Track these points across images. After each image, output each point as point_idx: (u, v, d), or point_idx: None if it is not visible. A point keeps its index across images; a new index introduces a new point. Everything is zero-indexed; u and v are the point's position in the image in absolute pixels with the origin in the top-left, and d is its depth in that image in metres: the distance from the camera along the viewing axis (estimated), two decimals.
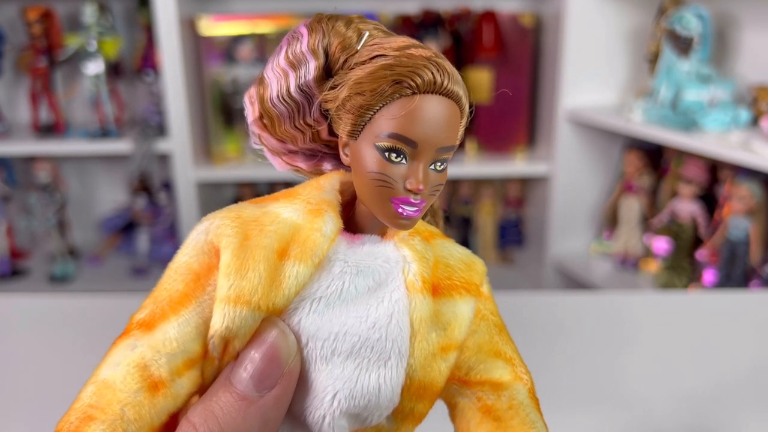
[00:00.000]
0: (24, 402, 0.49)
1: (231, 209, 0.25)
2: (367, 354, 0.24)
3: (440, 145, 0.24)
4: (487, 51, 1.44)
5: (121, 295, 0.62)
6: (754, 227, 1.17)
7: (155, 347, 0.24)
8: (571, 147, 1.44)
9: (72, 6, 1.50)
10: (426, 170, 0.24)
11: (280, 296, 0.23)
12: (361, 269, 0.25)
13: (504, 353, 0.27)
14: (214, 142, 1.48)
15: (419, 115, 0.23)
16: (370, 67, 0.24)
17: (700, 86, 1.18)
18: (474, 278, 0.28)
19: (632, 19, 1.40)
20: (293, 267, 0.24)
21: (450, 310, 0.26)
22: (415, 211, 0.24)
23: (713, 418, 0.47)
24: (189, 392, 0.24)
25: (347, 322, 0.24)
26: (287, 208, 0.25)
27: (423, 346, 0.25)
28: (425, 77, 0.23)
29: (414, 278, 0.26)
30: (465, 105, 0.24)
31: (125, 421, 0.23)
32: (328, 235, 0.24)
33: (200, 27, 1.40)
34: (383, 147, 0.23)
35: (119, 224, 1.63)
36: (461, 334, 0.26)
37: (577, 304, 0.65)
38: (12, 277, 1.51)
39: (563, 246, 1.52)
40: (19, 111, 1.58)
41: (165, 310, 0.24)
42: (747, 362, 0.54)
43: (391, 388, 0.25)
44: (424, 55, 0.24)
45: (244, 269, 0.23)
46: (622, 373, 0.52)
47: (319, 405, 0.24)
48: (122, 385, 0.23)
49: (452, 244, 0.28)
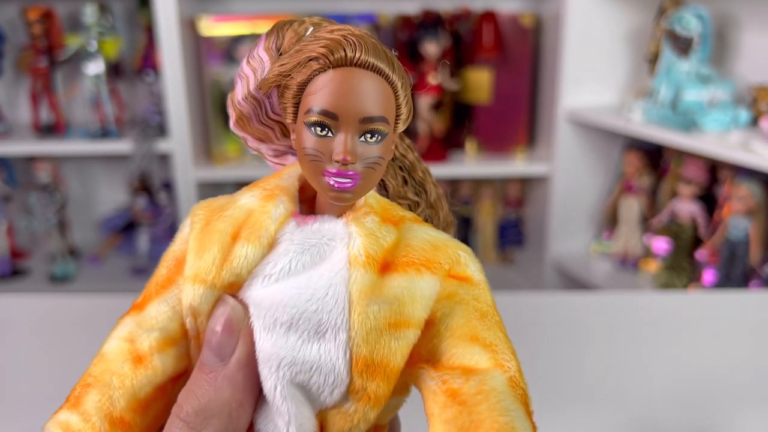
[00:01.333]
0: (24, 402, 0.49)
1: (209, 200, 0.28)
2: (306, 326, 0.25)
3: (362, 116, 0.24)
4: (487, 51, 1.44)
5: (121, 295, 0.62)
6: (753, 227, 1.17)
7: (140, 324, 0.28)
8: (571, 147, 1.44)
9: (72, 6, 1.50)
10: (351, 141, 0.24)
11: (231, 274, 0.26)
12: (306, 247, 0.26)
13: (483, 339, 0.26)
14: (214, 142, 1.48)
15: (336, 88, 0.24)
16: (292, 51, 0.25)
17: (699, 86, 1.18)
18: (439, 258, 0.27)
19: (632, 19, 1.40)
20: (243, 248, 0.26)
21: (400, 284, 0.26)
22: (348, 184, 0.25)
23: (713, 418, 0.47)
24: (172, 369, 0.27)
25: (287, 293, 0.25)
26: (246, 195, 0.28)
27: (363, 320, 0.25)
28: (336, 51, 0.24)
29: (357, 252, 0.25)
30: (393, 77, 0.25)
31: (112, 388, 0.26)
32: (276, 217, 0.26)
33: (200, 27, 1.40)
34: (309, 122, 0.25)
35: (119, 224, 1.63)
36: (417, 312, 0.25)
37: (577, 304, 0.65)
38: (12, 277, 1.51)
39: (563, 246, 1.52)
40: (20, 111, 1.58)
41: (152, 293, 0.28)
42: (747, 362, 0.54)
43: (331, 360, 0.25)
44: (341, 32, 0.25)
45: (202, 251, 0.26)
46: (622, 373, 0.52)
47: (268, 374, 0.25)
48: (113, 357, 0.27)
49: (426, 229, 0.28)
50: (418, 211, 0.30)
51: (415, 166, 0.30)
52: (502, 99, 1.50)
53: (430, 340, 0.26)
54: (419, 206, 0.30)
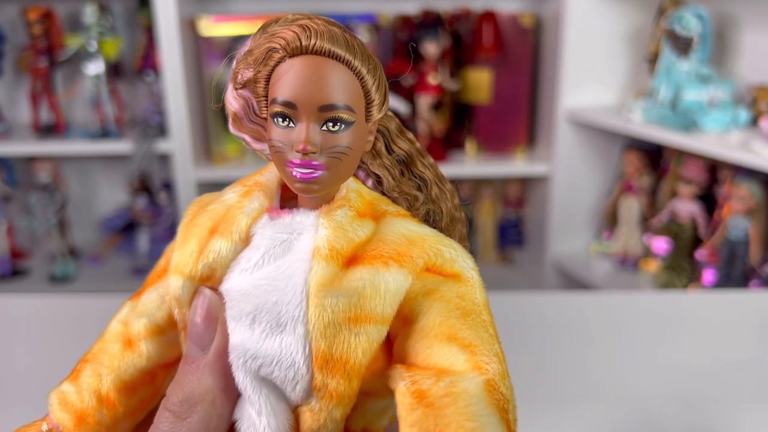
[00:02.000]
0: (24, 402, 0.49)
1: (203, 195, 0.29)
2: (268, 318, 0.25)
3: (319, 103, 0.24)
4: (487, 51, 1.44)
5: (121, 295, 0.61)
6: (753, 227, 1.17)
7: (134, 309, 0.29)
8: (571, 147, 1.44)
9: (72, 6, 1.50)
10: (311, 130, 0.24)
11: (207, 267, 0.26)
12: (276, 240, 0.26)
13: (462, 338, 0.24)
14: (215, 142, 1.48)
15: (291, 76, 0.24)
16: (255, 44, 0.25)
17: (699, 86, 1.18)
18: (411, 252, 0.25)
19: (632, 19, 1.40)
20: (217, 242, 0.26)
21: (362, 277, 0.24)
22: (312, 174, 0.24)
23: (713, 418, 0.47)
24: (159, 356, 0.28)
25: (252, 284, 0.25)
26: (231, 190, 0.28)
27: (320, 313, 0.24)
28: (290, 40, 0.24)
29: (321, 244, 0.25)
30: (354, 63, 0.24)
31: (102, 366, 0.28)
32: (248, 213, 0.27)
33: (200, 27, 1.40)
34: (273, 114, 0.25)
35: (119, 224, 1.63)
36: (380, 307, 0.24)
37: (577, 304, 0.65)
38: (12, 277, 1.51)
39: (563, 246, 1.52)
40: (20, 111, 1.58)
41: (149, 282, 0.29)
42: (747, 362, 0.54)
43: (290, 354, 0.25)
44: (299, 21, 0.25)
45: (183, 244, 0.27)
46: (622, 372, 0.52)
47: (236, 366, 0.26)
48: (109, 336, 0.29)
49: (409, 223, 0.27)
50: (417, 205, 0.29)
51: (413, 158, 0.30)
52: (502, 99, 1.50)
53: (405, 339, 0.25)
54: (418, 200, 0.29)
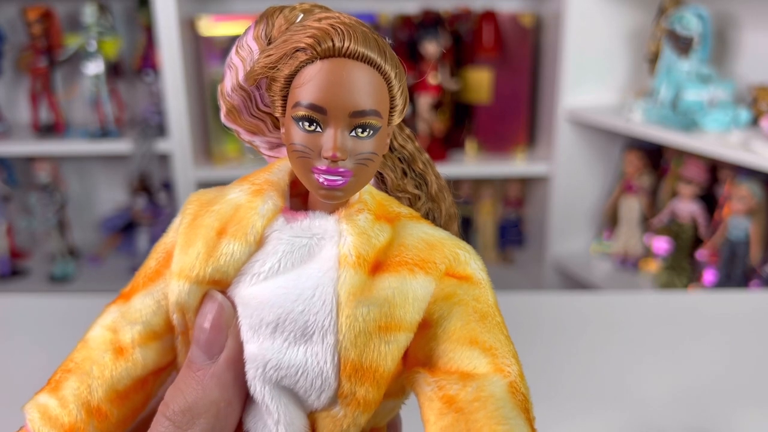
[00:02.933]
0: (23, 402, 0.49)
1: (200, 192, 0.27)
2: (292, 328, 0.24)
3: (351, 109, 0.23)
4: (487, 51, 1.44)
5: None
6: (754, 227, 1.17)
7: (125, 315, 0.27)
8: (571, 147, 1.44)
9: (72, 6, 1.50)
10: (341, 137, 0.23)
11: (217, 271, 0.25)
12: (295, 245, 0.25)
13: (482, 342, 0.24)
14: (214, 142, 1.48)
15: (323, 79, 0.23)
16: (278, 41, 0.24)
17: (700, 86, 1.18)
18: (434, 257, 0.25)
19: (632, 19, 1.40)
20: (229, 245, 0.25)
21: (391, 285, 0.24)
22: (339, 181, 0.24)
23: (713, 418, 0.47)
24: (154, 363, 0.27)
25: (274, 293, 0.24)
26: (235, 189, 0.27)
27: (351, 323, 0.23)
28: (324, 41, 0.23)
29: (347, 252, 0.24)
30: (385, 67, 0.24)
31: (91, 377, 0.26)
32: (263, 214, 0.25)
33: (200, 27, 1.40)
34: (297, 117, 0.23)
35: (119, 224, 1.63)
36: (409, 314, 0.24)
37: (577, 304, 0.65)
38: (12, 277, 1.51)
39: (563, 246, 1.52)
40: (19, 111, 1.58)
41: (139, 284, 0.27)
42: (747, 362, 0.54)
43: (318, 364, 0.24)
44: (329, 20, 0.23)
45: (187, 246, 0.25)
46: (622, 373, 0.52)
47: (254, 376, 0.25)
48: (95, 345, 0.27)
49: (423, 226, 0.27)
50: (419, 204, 0.29)
51: (415, 157, 0.29)
52: (502, 99, 1.50)
53: (426, 343, 0.25)
54: (420, 199, 0.29)
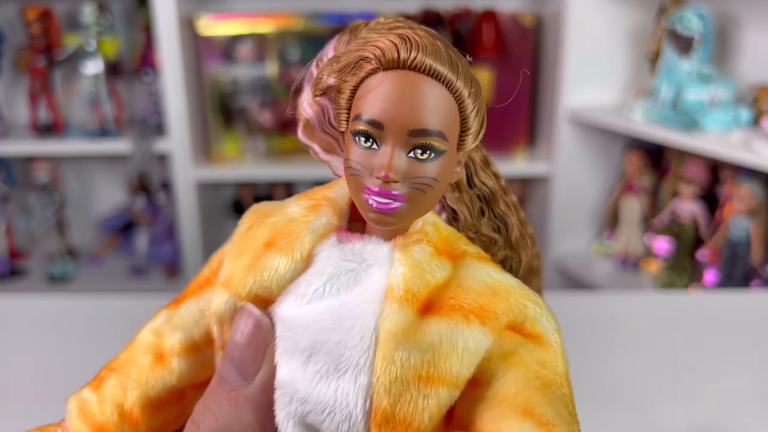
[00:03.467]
0: (23, 402, 0.48)
1: (262, 203, 0.26)
2: (326, 359, 0.22)
3: (411, 127, 0.21)
4: (488, 50, 1.43)
5: (120, 295, 0.61)
6: (755, 227, 1.17)
7: (170, 321, 0.26)
8: (572, 147, 1.44)
9: (71, 5, 1.50)
10: (396, 156, 0.21)
11: (260, 286, 0.23)
12: (342, 268, 0.23)
13: (539, 414, 0.21)
14: (214, 142, 1.47)
15: (383, 93, 0.21)
16: (346, 50, 0.22)
17: (700, 86, 1.18)
18: (496, 306, 0.22)
19: (633, 18, 1.40)
20: (274, 259, 0.23)
21: (440, 331, 0.21)
22: (390, 205, 0.21)
23: (713, 418, 0.46)
24: (191, 376, 0.25)
25: (312, 318, 0.22)
26: (295, 203, 0.25)
27: (387, 366, 0.21)
28: (387, 51, 0.21)
29: (396, 284, 0.22)
30: (456, 84, 0.21)
31: (128, 377, 0.25)
32: (315, 230, 0.23)
33: (199, 26, 1.39)
34: (354, 131, 0.22)
35: (118, 224, 1.63)
36: (455, 368, 0.21)
37: (577, 304, 0.65)
38: (11, 277, 1.51)
39: (564, 246, 1.52)
40: (18, 111, 1.58)
41: (189, 291, 0.26)
42: (748, 362, 0.53)
43: (347, 405, 0.21)
44: (399, 29, 0.21)
45: (236, 257, 0.24)
46: (622, 373, 0.52)
47: (281, 405, 0.23)
48: (139, 346, 0.26)
49: (490, 269, 0.23)
50: (495, 249, 0.26)
51: (496, 196, 0.26)
52: (503, 98, 1.50)
53: (473, 404, 0.22)
54: (496, 244, 0.26)
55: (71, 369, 0.31)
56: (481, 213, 0.26)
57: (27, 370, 0.52)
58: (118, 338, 0.34)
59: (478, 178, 0.26)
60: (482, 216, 0.26)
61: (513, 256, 0.26)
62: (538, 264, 0.27)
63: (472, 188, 0.26)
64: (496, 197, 0.26)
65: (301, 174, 1.43)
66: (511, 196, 0.27)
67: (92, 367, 0.30)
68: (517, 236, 0.26)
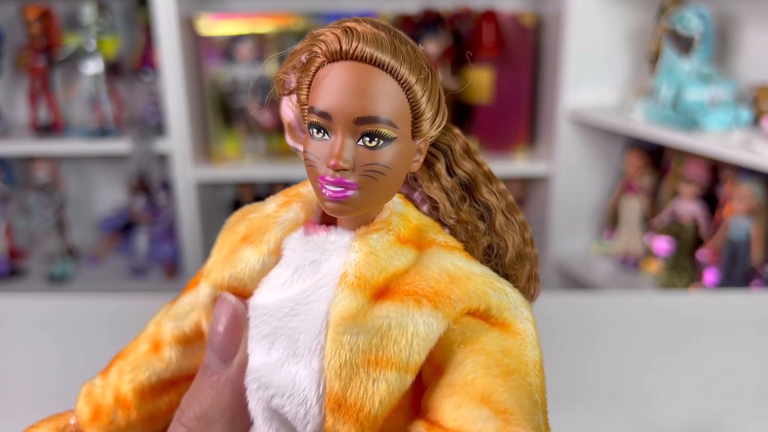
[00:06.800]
0: (23, 402, 0.48)
1: (251, 204, 0.28)
2: (286, 344, 0.23)
3: (356, 115, 0.21)
4: (488, 50, 1.43)
5: (120, 295, 0.61)
6: (755, 227, 1.17)
7: (168, 312, 0.28)
8: (572, 146, 1.44)
9: (71, 5, 1.50)
10: (344, 144, 0.22)
11: (234, 278, 0.25)
12: (306, 259, 0.24)
13: (496, 401, 0.20)
14: (214, 141, 1.47)
15: (329, 84, 0.22)
16: (299, 45, 0.24)
17: (701, 86, 1.18)
18: (451, 292, 0.22)
19: (633, 18, 1.40)
20: (246, 252, 0.25)
21: (389, 315, 0.21)
22: (342, 193, 0.22)
23: (714, 418, 0.46)
24: (181, 367, 0.27)
25: (277, 305, 0.23)
26: (273, 200, 0.26)
27: (337, 349, 0.21)
28: (330, 43, 0.22)
29: (348, 270, 0.22)
30: (401, 71, 0.22)
31: (126, 363, 0.27)
32: (282, 224, 0.25)
33: (199, 26, 1.39)
34: (308, 124, 0.23)
35: (118, 224, 1.63)
36: (404, 352, 0.21)
37: (577, 304, 0.65)
38: (11, 277, 1.51)
39: (564, 246, 1.52)
40: (18, 110, 1.58)
41: (189, 286, 0.28)
42: (748, 362, 0.53)
43: (303, 390, 0.22)
44: (345, 23, 0.23)
45: (219, 251, 0.26)
46: (623, 373, 0.52)
47: (251, 390, 0.24)
48: (143, 336, 0.28)
49: (456, 257, 0.23)
50: (478, 236, 0.26)
51: (477, 183, 0.26)
52: (503, 98, 1.50)
53: (431, 392, 0.21)
54: (479, 231, 0.26)
55: (71, 369, 0.31)
56: (463, 200, 0.26)
57: (27, 370, 0.52)
58: (118, 338, 0.34)
59: (458, 167, 0.26)
60: (464, 203, 0.26)
61: (498, 241, 0.26)
62: (531, 250, 0.27)
63: (452, 177, 0.26)
64: (478, 183, 0.26)
65: (300, 174, 1.42)
66: (498, 183, 0.27)
67: (92, 367, 0.30)
68: (501, 222, 0.26)
